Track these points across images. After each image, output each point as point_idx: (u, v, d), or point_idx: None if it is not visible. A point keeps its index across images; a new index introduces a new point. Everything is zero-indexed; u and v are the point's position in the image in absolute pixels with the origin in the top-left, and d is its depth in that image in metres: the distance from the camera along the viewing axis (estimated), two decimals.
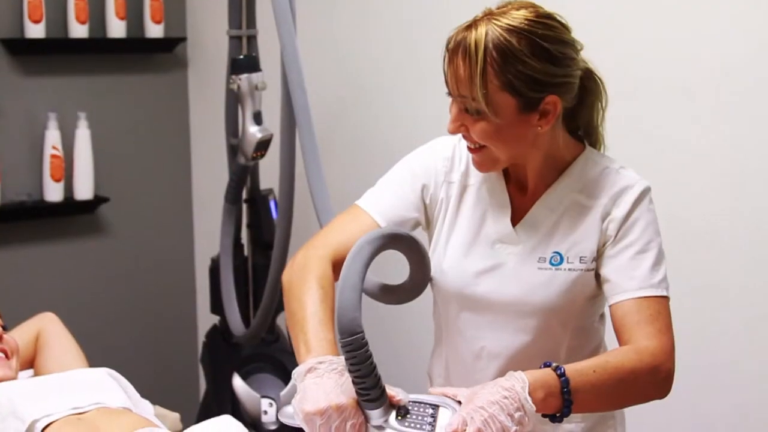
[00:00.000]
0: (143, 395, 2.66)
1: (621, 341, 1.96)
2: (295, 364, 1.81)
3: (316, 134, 2.90)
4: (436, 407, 1.76)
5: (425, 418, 1.73)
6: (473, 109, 1.90)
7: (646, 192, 2.02)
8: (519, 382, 1.75)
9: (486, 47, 1.85)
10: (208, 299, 4.03)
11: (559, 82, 1.91)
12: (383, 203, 2.12)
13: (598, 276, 2.03)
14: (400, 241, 1.87)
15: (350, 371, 1.68)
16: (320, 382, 1.73)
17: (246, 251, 3.90)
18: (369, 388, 1.68)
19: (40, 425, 2.25)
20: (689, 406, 2.79)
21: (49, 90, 4.02)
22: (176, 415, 2.92)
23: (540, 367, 1.83)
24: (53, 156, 3.94)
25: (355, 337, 1.65)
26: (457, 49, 1.89)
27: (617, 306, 1.97)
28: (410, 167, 2.15)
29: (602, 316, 2.15)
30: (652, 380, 1.92)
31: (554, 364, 1.82)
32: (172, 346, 4.55)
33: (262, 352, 3.84)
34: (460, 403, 1.75)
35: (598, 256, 2.01)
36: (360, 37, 3.68)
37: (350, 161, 3.71)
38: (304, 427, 1.73)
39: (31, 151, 3.98)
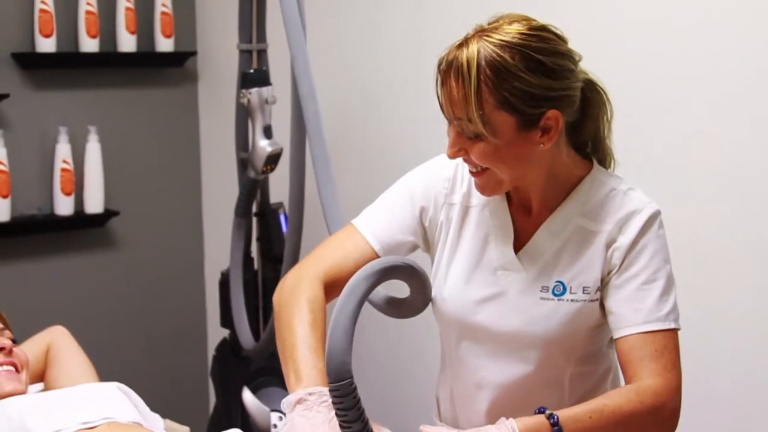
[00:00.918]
0: (153, 409, 2.67)
1: (626, 377, 1.93)
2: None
3: (327, 144, 2.87)
4: None
5: None
6: (470, 131, 1.84)
7: (654, 217, 1.94)
8: None
9: (479, 65, 1.79)
10: (218, 313, 4.03)
11: (558, 95, 1.84)
12: (379, 225, 2.07)
13: (603, 305, 1.96)
14: (395, 272, 1.81)
15: (337, 415, 1.65)
16: (309, 415, 1.71)
17: (256, 265, 3.90)
18: (353, 423, 1.65)
19: None
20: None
21: (60, 104, 4.03)
22: (186, 429, 2.92)
23: (534, 412, 1.81)
24: (63, 170, 3.94)
25: (343, 383, 1.61)
26: (449, 70, 1.83)
27: (622, 340, 1.92)
28: (410, 188, 2.09)
29: (612, 340, 2.02)
30: (654, 421, 1.88)
31: (548, 411, 1.80)
32: (182, 360, 4.54)
33: (272, 366, 3.83)
34: None
35: (603, 286, 1.95)
36: (369, 49, 3.68)
37: (361, 172, 3.71)
38: None
39: (41, 165, 3.98)
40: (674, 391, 1.89)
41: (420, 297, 2.01)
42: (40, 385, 2.75)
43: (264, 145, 3.51)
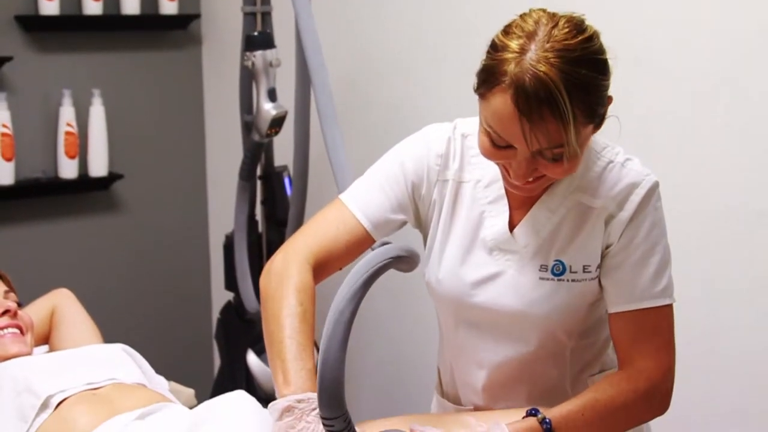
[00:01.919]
0: (158, 371, 2.67)
1: (618, 355, 1.92)
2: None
3: (333, 99, 2.83)
4: None
5: None
6: (554, 155, 1.72)
7: (652, 190, 1.88)
8: None
9: (569, 92, 1.66)
10: (222, 276, 4.04)
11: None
12: (369, 202, 1.98)
13: (599, 280, 1.93)
14: (379, 274, 1.65)
15: None
16: (298, 426, 1.68)
17: (260, 228, 3.90)
18: None
19: (55, 400, 2.26)
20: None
21: (63, 67, 4.02)
22: (191, 391, 2.93)
23: (525, 414, 1.81)
24: (68, 133, 3.94)
25: (337, 418, 1.57)
26: (531, 108, 1.67)
27: (616, 316, 1.91)
28: (401, 163, 2.00)
29: None
30: (648, 405, 1.89)
31: (540, 415, 1.79)
32: (187, 323, 4.56)
33: None
34: None
35: (601, 260, 1.90)
36: (373, 14, 3.67)
37: (364, 137, 3.70)
38: None
39: (45, 129, 3.98)
40: (667, 373, 1.89)
41: (410, 267, 1.87)
42: (44, 348, 2.76)
43: (268, 108, 3.51)
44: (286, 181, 3.81)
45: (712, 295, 2.72)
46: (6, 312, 2.56)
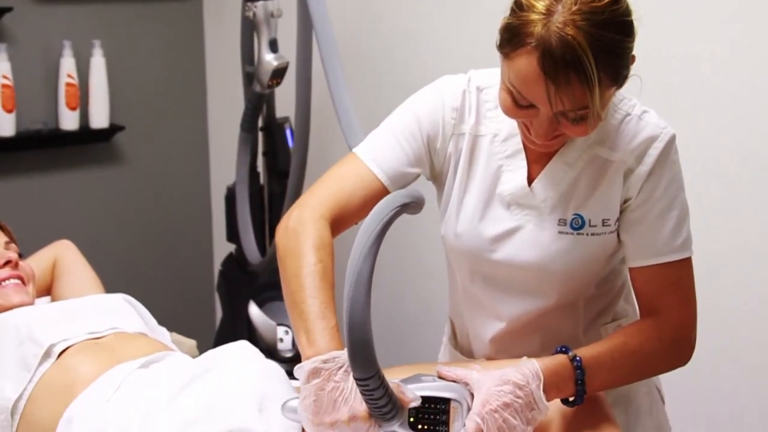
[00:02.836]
0: (160, 323, 2.67)
1: (641, 307, 1.93)
2: None
3: (337, 47, 2.80)
4: (447, 401, 1.71)
5: (438, 416, 1.70)
6: (577, 116, 1.72)
7: (671, 143, 1.87)
8: (534, 379, 1.71)
9: (596, 57, 1.64)
10: (223, 227, 4.04)
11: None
12: (384, 156, 1.96)
13: (618, 234, 1.93)
14: (391, 224, 1.60)
15: (366, 401, 1.59)
16: (327, 386, 1.64)
17: (262, 179, 3.90)
18: (383, 408, 1.59)
19: (57, 349, 2.26)
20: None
21: (64, 18, 4.00)
22: (192, 342, 2.93)
23: (554, 351, 1.81)
24: (68, 84, 3.93)
25: (371, 377, 1.55)
26: (557, 71, 1.66)
27: (638, 270, 1.91)
28: (416, 116, 1.97)
29: (624, 257, 2.00)
30: (672, 355, 1.90)
31: (571, 353, 1.79)
32: (189, 274, 4.57)
33: (278, 281, 3.83)
34: (471, 393, 1.70)
35: (620, 214, 1.90)
36: None
37: (367, 89, 3.69)
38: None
39: (46, 80, 3.97)
40: (691, 322, 1.90)
41: (417, 210, 1.90)
42: (46, 299, 2.76)
43: (270, 59, 3.49)
44: (288, 132, 3.80)
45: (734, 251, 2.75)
46: (7, 263, 2.56)
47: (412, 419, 1.68)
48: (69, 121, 3.98)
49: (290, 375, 2.11)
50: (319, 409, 1.63)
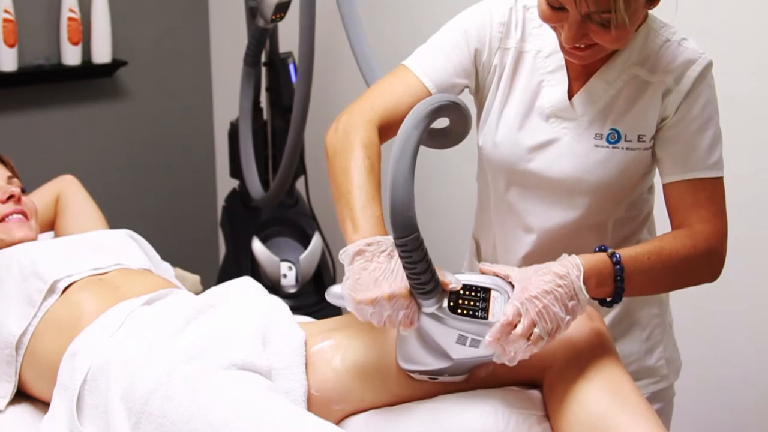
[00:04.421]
0: (163, 258, 2.68)
1: (674, 221, 1.96)
2: (313, 228, 1.80)
3: None
4: (487, 290, 1.74)
5: (478, 303, 1.72)
6: (603, 20, 1.76)
7: (708, 67, 1.93)
8: (574, 269, 1.73)
9: None
10: (227, 163, 4.04)
11: None
12: (433, 66, 2.02)
13: (653, 152, 1.98)
14: (442, 112, 1.72)
15: (405, 268, 1.64)
16: (369, 267, 1.70)
17: (265, 115, 3.89)
18: (424, 282, 1.66)
19: (61, 285, 2.26)
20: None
21: None
22: (196, 277, 2.95)
23: (594, 250, 1.83)
24: (70, 19, 3.90)
25: (410, 237, 1.60)
26: None
27: (672, 186, 1.95)
28: (463, 30, 2.04)
29: (651, 187, 2.12)
30: (705, 265, 1.93)
31: (610, 250, 1.81)
32: (192, 210, 4.57)
33: (281, 216, 3.86)
34: (512, 285, 1.74)
35: (656, 133, 1.96)
36: None
37: (383, 24, 3.67)
38: (354, 313, 1.72)
39: (48, 14, 3.94)
40: (723, 237, 1.94)
41: (462, 128, 1.97)
42: (50, 234, 2.76)
43: None
44: (291, 67, 3.79)
45: None
46: (10, 197, 2.56)
47: (452, 304, 1.71)
48: (71, 56, 3.95)
49: (293, 310, 2.13)
50: (361, 287, 1.69)
